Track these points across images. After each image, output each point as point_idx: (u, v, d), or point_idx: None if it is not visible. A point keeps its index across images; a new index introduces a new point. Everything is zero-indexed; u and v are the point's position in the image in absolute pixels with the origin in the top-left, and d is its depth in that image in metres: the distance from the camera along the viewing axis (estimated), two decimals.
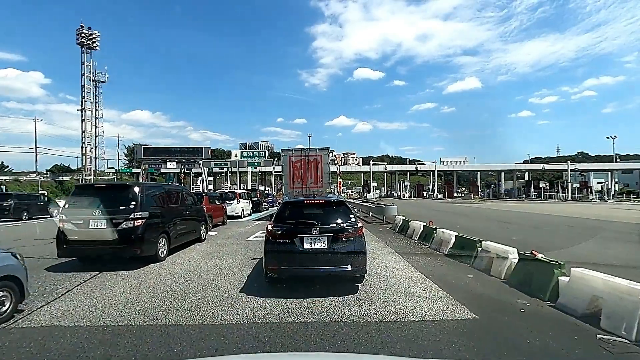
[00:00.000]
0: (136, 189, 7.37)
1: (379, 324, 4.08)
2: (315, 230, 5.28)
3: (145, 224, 7.17)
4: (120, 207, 7.07)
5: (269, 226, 5.60)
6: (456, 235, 8.30)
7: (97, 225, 6.88)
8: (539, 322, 4.12)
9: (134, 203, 7.13)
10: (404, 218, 13.25)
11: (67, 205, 7.09)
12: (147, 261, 7.43)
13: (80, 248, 7.00)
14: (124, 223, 6.95)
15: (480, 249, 6.97)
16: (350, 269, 5.25)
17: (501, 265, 6.06)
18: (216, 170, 52.90)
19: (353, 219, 5.59)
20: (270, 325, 4.09)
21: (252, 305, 4.75)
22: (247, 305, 4.75)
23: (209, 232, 12.18)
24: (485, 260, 6.63)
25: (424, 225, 10.70)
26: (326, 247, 5.23)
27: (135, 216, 7.06)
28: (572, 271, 4.47)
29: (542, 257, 5.18)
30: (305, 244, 5.23)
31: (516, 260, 5.81)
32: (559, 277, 4.71)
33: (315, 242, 5.25)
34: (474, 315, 4.28)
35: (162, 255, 7.80)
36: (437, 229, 9.45)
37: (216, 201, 15.91)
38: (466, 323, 4.07)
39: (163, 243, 7.92)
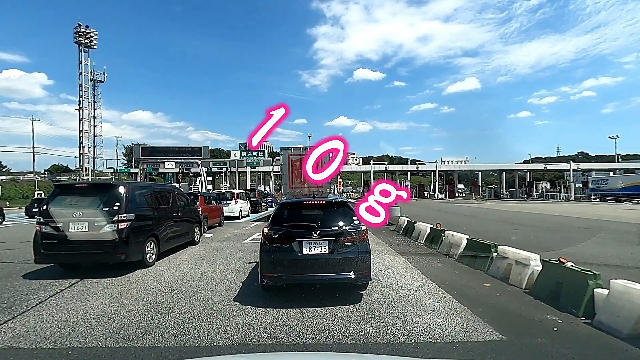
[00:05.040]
0: (121, 189, 6.78)
1: (390, 345, 3.49)
2: (315, 233, 4.79)
3: (130, 227, 6.59)
4: (104, 209, 6.48)
5: (265, 229, 5.10)
6: (467, 239, 7.71)
7: (77, 229, 6.30)
8: (579, 345, 3.53)
9: (118, 204, 6.54)
10: (409, 219, 12.68)
11: (45, 207, 6.50)
12: (134, 267, 6.86)
13: (60, 253, 6.42)
14: (107, 226, 6.36)
15: (495, 254, 6.38)
16: (353, 276, 4.77)
17: (522, 273, 5.46)
18: (215, 170, 52.30)
19: (356, 221, 5.05)
20: (264, 347, 3.51)
21: (244, 320, 4.17)
22: (238, 320, 4.17)
23: (204, 234, 11.62)
24: (502, 266, 6.03)
25: (430, 228, 10.11)
26: (327, 252, 4.76)
27: (120, 218, 6.47)
28: (611, 283, 3.87)
29: (572, 265, 4.59)
30: (304, 249, 4.75)
31: (539, 268, 5.22)
32: (595, 290, 4.12)
33: (315, 247, 4.77)
34: (500, 336, 3.68)
35: (150, 261, 7.22)
36: (446, 232, 8.86)
37: (212, 201, 15.35)
38: (492, 346, 3.47)
39: (151, 247, 7.34)
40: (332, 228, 4.91)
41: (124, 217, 6.52)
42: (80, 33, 48.47)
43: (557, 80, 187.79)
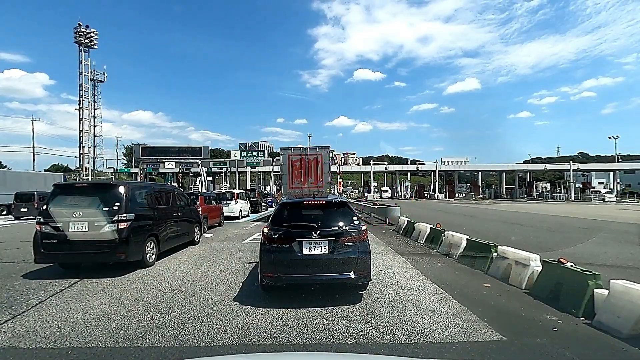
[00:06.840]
0: (121, 189, 6.78)
1: (390, 346, 3.49)
2: (315, 233, 4.80)
3: (130, 227, 6.59)
4: (104, 209, 6.48)
5: (265, 229, 5.10)
6: (467, 239, 7.71)
7: (77, 229, 6.30)
8: (579, 345, 3.53)
9: (118, 204, 6.54)
10: (409, 219, 12.67)
11: (45, 207, 6.50)
12: (134, 267, 6.86)
13: (60, 253, 6.41)
14: (107, 226, 6.36)
15: (495, 254, 6.38)
16: (353, 276, 4.77)
17: (522, 274, 5.47)
18: (215, 170, 52.26)
19: (356, 222, 5.06)
20: (264, 347, 3.51)
21: (244, 321, 4.17)
22: (238, 321, 4.17)
23: (204, 234, 11.62)
24: (502, 267, 6.04)
25: (430, 228, 10.11)
26: (327, 252, 4.76)
27: (120, 218, 6.47)
28: (611, 284, 3.87)
29: (572, 266, 4.59)
30: (304, 249, 4.76)
31: (539, 268, 5.22)
32: (595, 290, 4.12)
33: (315, 247, 4.77)
34: (500, 336, 3.68)
35: (150, 261, 7.22)
36: (446, 232, 8.86)
37: (212, 201, 15.35)
38: (493, 346, 3.47)
39: (151, 247, 7.33)
40: (332, 228, 4.92)
41: (124, 217, 6.52)
42: (80, 33, 48.39)
43: (557, 80, 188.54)
